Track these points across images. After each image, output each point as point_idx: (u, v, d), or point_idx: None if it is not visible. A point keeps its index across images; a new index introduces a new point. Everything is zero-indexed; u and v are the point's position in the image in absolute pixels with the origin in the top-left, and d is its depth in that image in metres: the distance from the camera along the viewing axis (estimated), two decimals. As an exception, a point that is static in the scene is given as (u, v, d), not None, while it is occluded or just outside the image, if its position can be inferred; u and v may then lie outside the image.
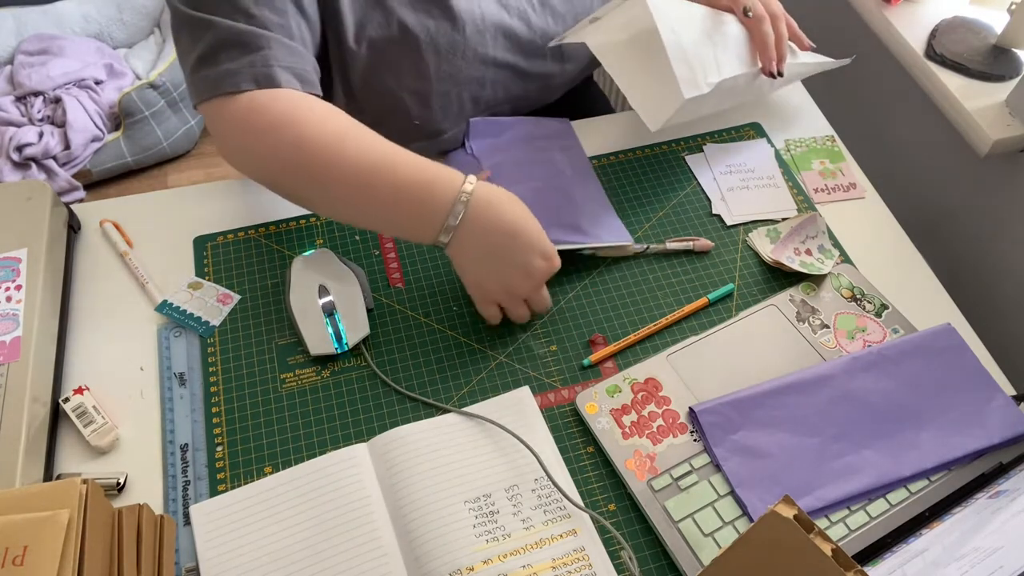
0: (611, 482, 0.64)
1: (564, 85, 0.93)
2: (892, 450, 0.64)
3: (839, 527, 0.61)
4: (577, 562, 0.60)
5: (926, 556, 0.53)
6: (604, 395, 0.68)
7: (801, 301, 0.74)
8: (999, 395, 0.67)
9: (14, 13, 1.87)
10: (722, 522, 0.61)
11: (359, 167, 0.64)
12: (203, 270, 0.76)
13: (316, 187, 0.66)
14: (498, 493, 0.62)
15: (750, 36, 0.78)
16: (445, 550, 0.59)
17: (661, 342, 0.72)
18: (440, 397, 0.68)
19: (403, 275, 0.76)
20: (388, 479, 0.63)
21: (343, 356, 0.70)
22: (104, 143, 1.77)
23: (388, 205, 0.65)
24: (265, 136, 0.64)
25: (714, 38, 0.75)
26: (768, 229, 0.80)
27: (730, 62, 0.76)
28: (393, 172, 0.64)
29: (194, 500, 0.62)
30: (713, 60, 0.74)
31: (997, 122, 0.88)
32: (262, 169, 0.68)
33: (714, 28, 0.76)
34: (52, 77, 1.77)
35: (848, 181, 0.86)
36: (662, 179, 0.85)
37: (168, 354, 0.70)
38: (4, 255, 0.70)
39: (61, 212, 0.75)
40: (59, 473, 0.64)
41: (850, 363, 0.68)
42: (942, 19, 0.99)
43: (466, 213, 0.64)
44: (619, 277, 0.77)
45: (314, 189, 0.66)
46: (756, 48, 0.78)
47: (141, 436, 0.66)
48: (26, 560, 0.47)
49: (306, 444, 0.66)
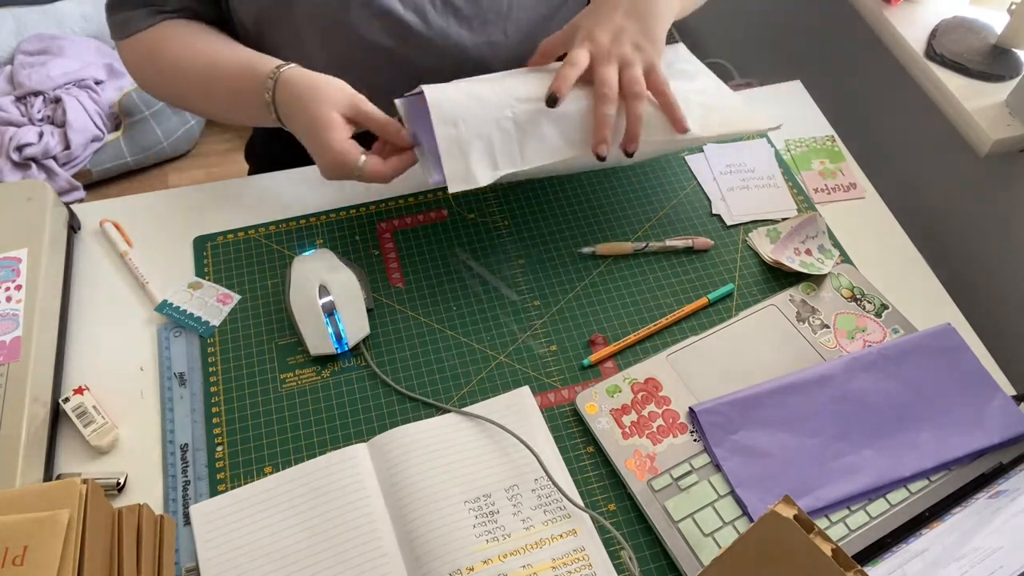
0: (611, 482, 0.64)
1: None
2: (892, 450, 0.64)
3: (839, 527, 0.61)
4: (577, 562, 0.60)
5: (926, 556, 0.53)
6: (604, 395, 0.68)
7: (801, 301, 0.74)
8: (999, 395, 0.67)
9: (14, 13, 1.87)
10: (722, 522, 0.61)
11: (204, 74, 0.75)
12: (203, 270, 0.76)
13: (188, 98, 0.80)
14: (498, 493, 0.62)
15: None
16: (445, 550, 0.59)
17: (661, 342, 0.72)
18: (440, 397, 0.68)
19: (403, 275, 0.76)
20: (388, 479, 0.63)
21: (343, 356, 0.70)
22: (104, 143, 1.77)
23: (240, 104, 0.74)
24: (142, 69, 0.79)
25: (525, 126, 0.68)
26: (768, 229, 0.80)
27: (549, 148, 0.68)
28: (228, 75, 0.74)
29: (194, 500, 0.62)
30: (516, 149, 0.67)
31: (997, 122, 0.88)
32: (152, 90, 0.82)
33: (530, 115, 0.68)
34: (52, 77, 1.77)
35: (848, 181, 0.86)
36: (662, 179, 0.85)
37: (168, 354, 0.70)
38: (4, 255, 0.70)
39: (61, 212, 0.75)
40: (59, 473, 0.64)
41: (850, 363, 0.68)
42: (942, 19, 0.99)
43: (275, 96, 0.70)
44: (619, 277, 0.77)
45: (187, 100, 0.81)
46: (593, 127, 0.68)
47: (141, 436, 0.66)
48: (26, 560, 0.47)
49: (306, 444, 0.66)
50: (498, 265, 0.77)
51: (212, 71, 0.74)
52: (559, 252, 0.78)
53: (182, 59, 0.75)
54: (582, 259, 0.78)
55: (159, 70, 0.77)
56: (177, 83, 0.78)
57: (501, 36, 0.81)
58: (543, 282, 0.76)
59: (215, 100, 0.77)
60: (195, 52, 0.75)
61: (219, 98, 0.76)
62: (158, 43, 0.76)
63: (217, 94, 0.76)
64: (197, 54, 0.75)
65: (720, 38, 1.75)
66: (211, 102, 0.78)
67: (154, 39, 0.76)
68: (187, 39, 0.76)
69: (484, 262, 0.77)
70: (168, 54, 0.76)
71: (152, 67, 0.78)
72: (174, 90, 0.80)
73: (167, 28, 0.76)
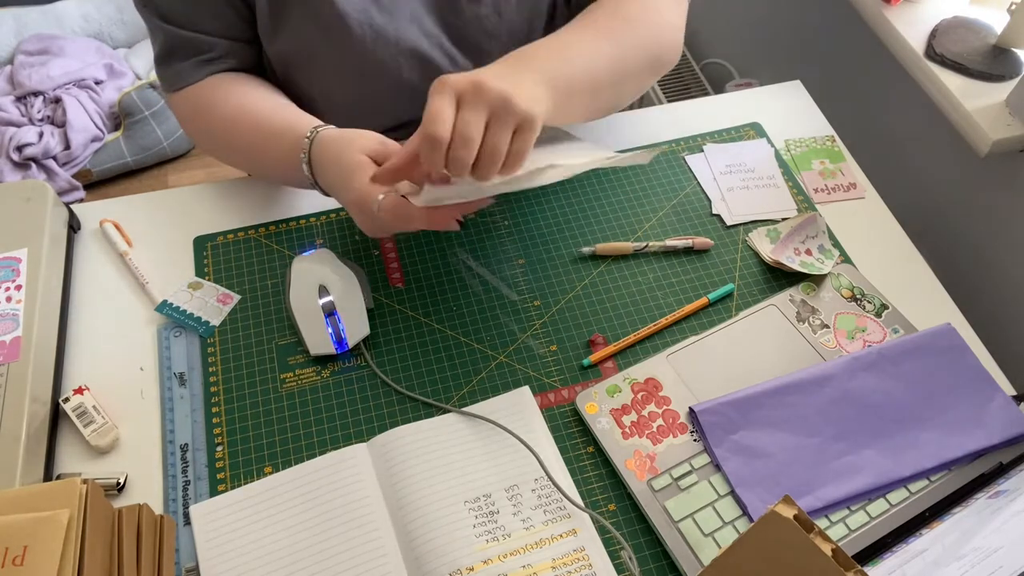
0: (611, 482, 0.64)
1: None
2: (892, 450, 0.64)
3: (839, 527, 0.61)
4: (577, 562, 0.60)
5: (926, 556, 0.53)
6: (604, 395, 0.68)
7: (801, 301, 0.74)
8: (999, 395, 0.67)
9: (14, 13, 1.88)
10: (722, 522, 0.61)
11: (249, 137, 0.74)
12: (203, 270, 0.76)
13: (234, 156, 0.80)
14: (498, 493, 0.62)
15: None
16: (445, 550, 0.59)
17: (661, 342, 0.72)
18: (440, 397, 0.68)
19: (403, 275, 0.76)
20: (388, 479, 0.63)
21: (343, 356, 0.70)
22: (104, 143, 1.77)
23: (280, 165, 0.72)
24: (192, 122, 0.78)
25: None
26: (768, 229, 0.80)
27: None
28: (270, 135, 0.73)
29: (194, 500, 0.62)
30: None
31: (997, 122, 0.88)
32: (201, 145, 0.81)
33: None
34: (52, 77, 1.77)
35: (848, 181, 0.86)
36: (662, 179, 0.85)
37: (168, 354, 0.70)
38: (4, 255, 0.70)
39: (61, 212, 0.75)
40: (59, 473, 0.64)
41: (850, 363, 0.68)
42: (942, 19, 0.99)
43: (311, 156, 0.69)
44: (619, 277, 0.77)
45: (234, 158, 0.80)
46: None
47: (141, 436, 0.66)
48: (26, 560, 0.47)
49: (306, 444, 0.66)
50: (498, 265, 0.77)
51: (256, 135, 0.73)
52: (559, 252, 0.78)
53: (228, 119, 0.75)
54: (582, 259, 0.78)
55: (208, 127, 0.77)
56: (224, 143, 0.78)
57: None
58: (543, 282, 0.76)
59: (260, 164, 0.77)
60: (241, 112, 0.74)
61: (262, 163, 0.76)
62: (206, 100, 0.76)
63: (260, 159, 0.76)
64: (242, 114, 0.74)
65: (720, 38, 1.75)
66: (256, 166, 0.79)
67: (201, 95, 0.76)
68: (233, 98, 0.75)
69: (484, 262, 0.77)
70: (217, 112, 0.75)
71: (203, 123, 0.77)
72: (222, 152, 0.80)
73: (216, 83, 0.76)
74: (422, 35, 0.76)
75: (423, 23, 0.76)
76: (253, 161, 0.78)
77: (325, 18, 0.72)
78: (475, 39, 0.78)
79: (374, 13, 0.73)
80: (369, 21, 0.73)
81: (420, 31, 0.76)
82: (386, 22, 0.74)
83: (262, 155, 0.74)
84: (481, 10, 0.77)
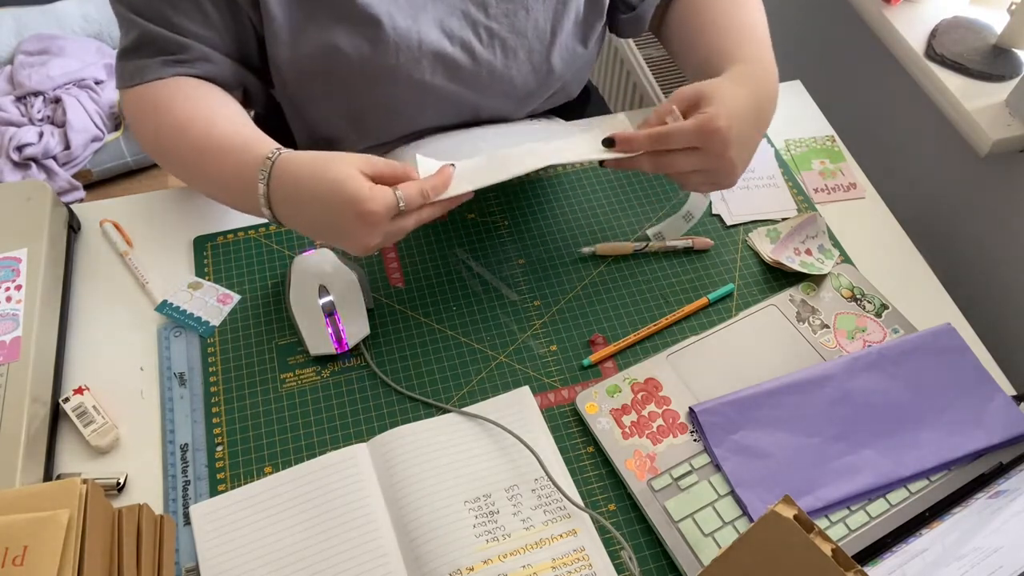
0: (611, 482, 0.64)
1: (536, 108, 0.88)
2: (892, 450, 0.64)
3: (839, 527, 0.61)
4: (577, 562, 0.60)
5: (926, 556, 0.53)
6: (604, 395, 0.68)
7: (801, 301, 0.74)
8: (999, 395, 0.67)
9: (14, 13, 1.87)
10: (722, 522, 0.61)
11: (200, 144, 0.67)
12: (203, 270, 0.76)
13: (176, 164, 0.71)
14: (498, 493, 0.62)
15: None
16: (445, 550, 0.59)
17: (661, 342, 0.72)
18: (440, 397, 0.68)
19: (403, 275, 0.76)
20: (388, 479, 0.63)
21: (343, 356, 0.70)
22: (104, 143, 1.77)
23: (229, 182, 0.67)
24: (140, 121, 0.72)
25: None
26: (768, 229, 0.80)
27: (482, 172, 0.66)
28: (225, 149, 0.66)
29: (194, 500, 0.62)
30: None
31: (997, 122, 0.88)
32: (145, 147, 0.74)
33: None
34: (52, 77, 1.77)
35: (848, 181, 0.86)
36: (662, 179, 0.85)
37: (168, 354, 0.70)
38: (4, 255, 0.70)
39: (61, 212, 0.75)
40: (59, 473, 0.64)
41: (850, 363, 0.68)
42: (942, 19, 0.99)
43: (272, 176, 0.62)
44: (619, 277, 0.77)
45: (175, 166, 0.72)
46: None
47: (141, 436, 0.66)
48: (26, 560, 0.47)
49: (306, 444, 0.66)
50: (498, 265, 0.77)
51: (207, 144, 0.67)
52: (559, 252, 0.78)
53: (180, 122, 0.68)
54: (582, 259, 0.78)
55: (156, 127, 0.70)
56: (170, 146, 0.70)
57: (544, 64, 0.80)
58: (543, 282, 0.76)
59: (203, 177, 0.70)
60: (196, 117, 0.68)
61: (207, 175, 0.69)
62: (163, 98, 0.69)
63: (206, 171, 0.69)
64: (196, 120, 0.68)
65: (720, 38, 1.74)
66: (200, 179, 0.71)
67: (160, 94, 0.70)
68: (191, 103, 0.69)
69: (484, 262, 0.77)
70: (170, 113, 0.69)
71: (152, 122, 0.71)
72: (164, 156, 0.72)
73: (177, 83, 0.70)
74: (443, 36, 0.74)
75: (446, 23, 0.74)
76: (198, 172, 0.70)
77: (355, 16, 0.70)
78: (502, 36, 0.77)
79: (395, 12, 0.71)
80: (392, 23, 0.71)
81: (442, 32, 0.74)
82: (409, 25, 0.72)
83: (209, 167, 0.68)
84: (511, 6, 0.76)
